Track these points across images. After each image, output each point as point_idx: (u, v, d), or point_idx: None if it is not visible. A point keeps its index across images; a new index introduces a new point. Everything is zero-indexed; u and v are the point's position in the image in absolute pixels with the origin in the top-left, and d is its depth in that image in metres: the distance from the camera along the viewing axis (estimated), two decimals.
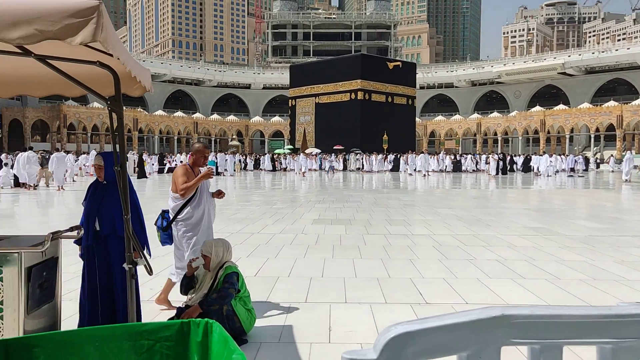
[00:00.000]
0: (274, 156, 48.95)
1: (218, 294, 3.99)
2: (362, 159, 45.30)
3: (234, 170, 39.07)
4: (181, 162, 39.28)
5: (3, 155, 25.01)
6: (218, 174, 35.84)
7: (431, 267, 6.82)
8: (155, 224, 4.88)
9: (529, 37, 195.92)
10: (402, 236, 9.41)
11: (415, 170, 38.37)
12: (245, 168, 45.94)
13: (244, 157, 48.93)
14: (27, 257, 3.12)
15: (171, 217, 4.78)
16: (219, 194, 4.99)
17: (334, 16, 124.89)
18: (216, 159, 37.33)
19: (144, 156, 37.89)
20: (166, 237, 4.83)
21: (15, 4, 2.27)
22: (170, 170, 40.57)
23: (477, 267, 6.85)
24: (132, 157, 33.59)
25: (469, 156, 46.67)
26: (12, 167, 22.92)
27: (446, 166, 43.48)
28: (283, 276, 6.33)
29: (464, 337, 1.48)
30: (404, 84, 61.28)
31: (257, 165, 47.77)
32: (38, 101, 62.19)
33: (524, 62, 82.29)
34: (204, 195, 4.84)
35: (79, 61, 3.12)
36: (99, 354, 1.74)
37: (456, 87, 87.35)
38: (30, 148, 24.16)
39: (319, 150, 51.07)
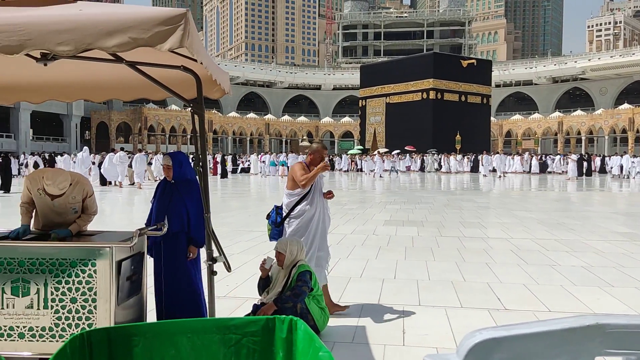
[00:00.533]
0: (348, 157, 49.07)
1: (292, 291, 4.06)
2: (440, 159, 44.36)
3: None
4: (248, 162, 40.28)
5: (92, 156, 26.68)
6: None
7: (509, 272, 6.59)
8: (268, 218, 4.89)
9: (615, 31, 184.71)
10: (478, 239, 9.15)
11: (490, 171, 37.17)
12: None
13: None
14: (117, 251, 3.31)
15: (284, 214, 4.80)
16: (329, 193, 4.94)
17: (405, 15, 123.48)
18: (287, 159, 37.94)
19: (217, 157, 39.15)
20: (276, 232, 4.81)
21: (110, 15, 2.43)
22: (243, 170, 41.68)
23: (560, 273, 6.55)
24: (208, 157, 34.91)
25: (557, 157, 43.97)
26: (99, 166, 24.39)
27: (531, 167, 40.90)
28: (355, 277, 6.34)
29: (555, 346, 1.42)
30: (478, 82, 59.60)
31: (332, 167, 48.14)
32: (122, 105, 65.78)
33: (611, 57, 77.49)
34: (317, 195, 4.83)
35: (164, 66, 3.28)
36: (191, 345, 1.83)
37: (535, 84, 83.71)
38: (122, 149, 25.83)
39: (397, 150, 50.16)
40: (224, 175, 32.93)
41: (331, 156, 52.91)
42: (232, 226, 10.66)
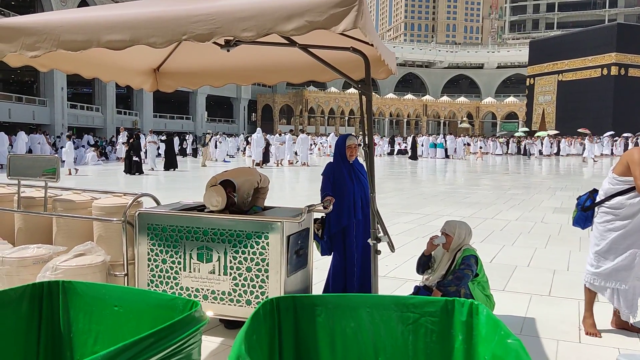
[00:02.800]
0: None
1: (454, 275, 3.96)
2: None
3: (464, 153, 38.12)
4: (406, 144, 39.93)
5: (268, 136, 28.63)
6: (447, 156, 35.53)
7: None
8: (578, 199, 4.21)
9: None
10: None
11: None
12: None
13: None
14: (287, 226, 3.52)
15: (598, 200, 3.99)
16: None
17: None
18: (445, 141, 36.99)
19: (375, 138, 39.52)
20: (582, 218, 4.12)
21: (288, 0, 2.54)
22: (400, 152, 41.46)
23: None
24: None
25: None
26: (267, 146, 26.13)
27: None
28: (521, 265, 6.00)
29: None
30: None
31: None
32: (285, 88, 69.45)
33: None
34: None
35: (334, 48, 3.37)
36: (370, 319, 1.89)
37: None
38: (302, 131, 27.95)
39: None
40: (413, 157, 33.18)
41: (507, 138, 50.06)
42: (391, 207, 10.72)
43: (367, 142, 3.54)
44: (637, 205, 3.71)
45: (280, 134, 27.23)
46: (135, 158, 19.55)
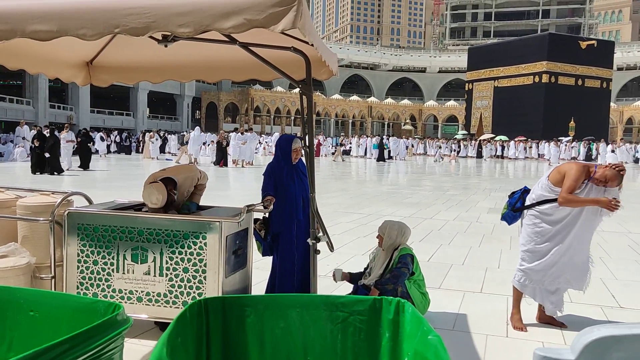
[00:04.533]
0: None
1: (391, 273, 4.05)
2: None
3: (405, 155, 38.93)
4: (350, 144, 40.36)
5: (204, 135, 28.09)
6: (390, 158, 36.15)
7: (626, 269, 6.11)
8: (510, 197, 4.32)
9: None
10: None
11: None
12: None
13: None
14: (226, 226, 3.48)
15: (528, 203, 4.12)
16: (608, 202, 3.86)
17: None
18: (388, 142, 37.61)
19: (320, 138, 39.77)
20: (511, 217, 4.28)
21: None
22: (345, 152, 41.80)
23: None
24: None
25: None
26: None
27: None
28: (457, 264, 6.19)
29: None
30: (598, 65, 54.95)
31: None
32: (230, 85, 68.61)
33: None
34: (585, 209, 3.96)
35: (275, 47, 3.36)
36: (300, 319, 1.90)
37: None
38: (236, 129, 27.27)
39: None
40: (380, 159, 32.98)
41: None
42: (334, 207, 10.80)
43: (307, 143, 3.56)
44: (565, 211, 3.93)
45: (242, 133, 26.35)
46: (47, 155, 17.87)
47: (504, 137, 46.99)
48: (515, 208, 4.19)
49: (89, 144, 21.60)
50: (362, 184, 17.84)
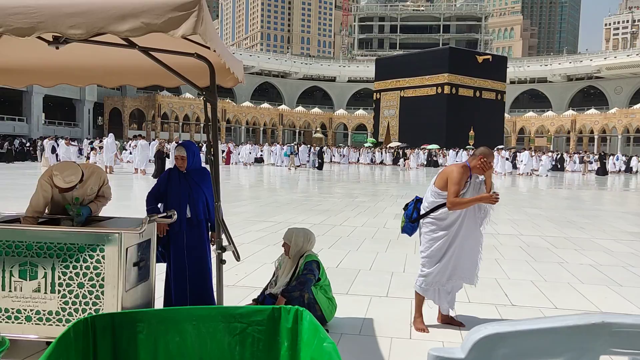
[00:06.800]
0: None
1: (298, 280, 4.08)
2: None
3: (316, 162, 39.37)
4: (261, 152, 40.22)
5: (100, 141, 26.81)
6: (298, 165, 36.42)
7: (518, 269, 6.55)
8: (405, 210, 4.49)
9: (633, 29, 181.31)
10: (488, 235, 9.05)
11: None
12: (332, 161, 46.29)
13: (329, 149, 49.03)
14: (126, 237, 3.33)
15: (423, 212, 4.28)
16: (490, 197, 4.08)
17: (422, 8, 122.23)
18: (298, 150, 37.88)
19: (231, 145, 39.29)
20: (410, 228, 4.42)
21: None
22: (256, 160, 41.59)
23: (568, 271, 6.50)
24: (221, 147, 35.02)
25: (613, 157, 41.83)
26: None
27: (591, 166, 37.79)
28: (364, 269, 6.34)
29: (560, 343, 1.41)
30: (493, 78, 59.02)
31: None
32: (136, 91, 65.98)
33: (627, 55, 76.25)
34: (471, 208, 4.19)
35: (178, 53, 3.27)
36: (196, 332, 1.83)
37: (550, 81, 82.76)
38: (141, 136, 26.14)
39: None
40: (320, 167, 32.60)
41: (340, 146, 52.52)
42: (244, 215, 10.69)
43: (212, 151, 3.49)
44: (456, 213, 4.17)
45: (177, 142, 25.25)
46: None
47: (435, 146, 48.63)
48: (412, 219, 4.39)
49: None
50: (273, 192, 17.82)
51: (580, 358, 1.42)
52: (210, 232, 4.14)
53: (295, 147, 36.74)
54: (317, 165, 34.66)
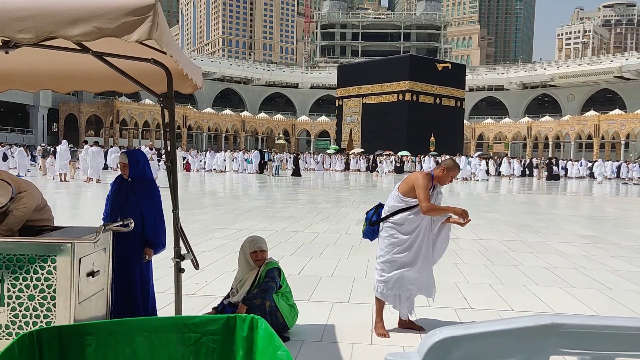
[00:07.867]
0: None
1: (259, 288, 4.05)
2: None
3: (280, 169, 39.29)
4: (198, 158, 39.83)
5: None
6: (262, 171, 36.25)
7: (476, 272, 6.68)
8: (366, 214, 4.53)
9: (584, 40, 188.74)
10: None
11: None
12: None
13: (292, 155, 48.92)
14: (79, 247, 3.22)
15: (383, 215, 4.34)
16: (462, 214, 4.18)
17: (383, 16, 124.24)
18: (274, 158, 37.67)
19: (192, 153, 38.83)
20: (370, 231, 4.45)
21: (74, 3, 2.35)
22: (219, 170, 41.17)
23: (524, 273, 6.67)
24: (180, 154, 34.47)
25: (577, 163, 43.14)
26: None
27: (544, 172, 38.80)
28: (326, 276, 6.34)
29: (512, 344, 1.44)
30: (452, 86, 60.32)
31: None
32: (93, 97, 64.51)
33: (579, 65, 79.41)
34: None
35: (134, 58, 3.20)
36: (148, 344, 1.78)
37: (507, 89, 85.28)
38: (96, 143, 25.41)
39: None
40: (296, 173, 32.50)
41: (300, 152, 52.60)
42: (204, 223, 10.55)
43: (169, 158, 3.43)
44: (415, 222, 4.21)
45: (151, 148, 24.28)
46: None
47: (405, 152, 49.02)
48: (372, 222, 4.41)
49: None
50: (235, 199, 17.67)
51: (531, 359, 1.45)
52: (145, 248, 4.02)
53: (273, 154, 36.47)
54: (292, 172, 34.59)
